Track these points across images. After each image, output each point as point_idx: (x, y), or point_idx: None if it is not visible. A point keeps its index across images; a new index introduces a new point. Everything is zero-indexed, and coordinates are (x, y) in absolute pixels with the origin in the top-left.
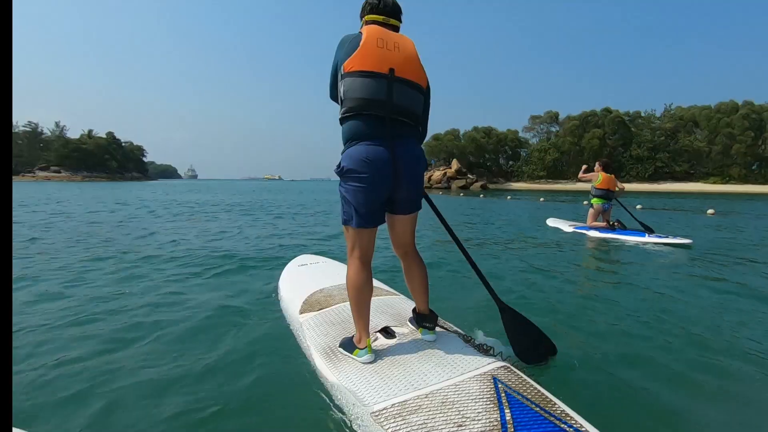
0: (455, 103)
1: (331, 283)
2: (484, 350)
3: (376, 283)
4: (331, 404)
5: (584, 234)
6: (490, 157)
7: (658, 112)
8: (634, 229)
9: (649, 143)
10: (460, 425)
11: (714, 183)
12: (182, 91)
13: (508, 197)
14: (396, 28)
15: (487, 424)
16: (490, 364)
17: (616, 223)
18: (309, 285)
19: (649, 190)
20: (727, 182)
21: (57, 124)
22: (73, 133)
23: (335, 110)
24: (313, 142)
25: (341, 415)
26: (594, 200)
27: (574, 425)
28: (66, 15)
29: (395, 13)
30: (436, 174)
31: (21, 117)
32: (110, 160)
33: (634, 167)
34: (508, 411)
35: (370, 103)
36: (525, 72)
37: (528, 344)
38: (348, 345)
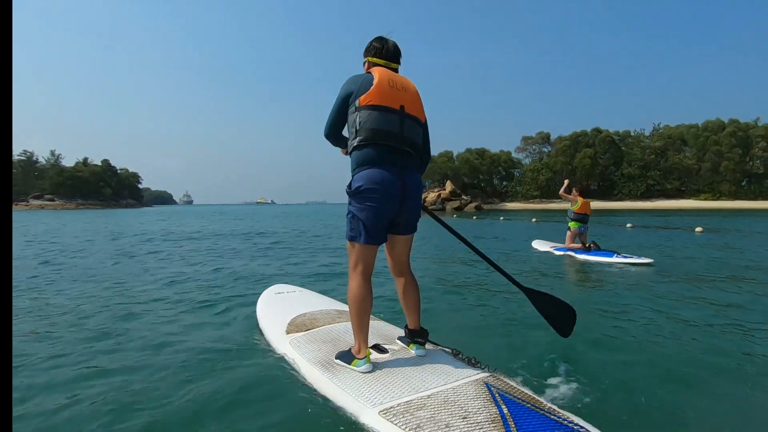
0: (449, 125)
1: (312, 309)
2: (473, 363)
3: (344, 306)
4: (334, 410)
5: (563, 255)
6: (484, 178)
7: (647, 131)
8: (607, 249)
9: (639, 162)
10: (465, 417)
11: (705, 199)
12: (177, 118)
13: (501, 218)
14: (396, 70)
15: (488, 417)
16: (480, 373)
17: (591, 245)
18: (290, 310)
19: (641, 207)
20: (718, 198)
21: (52, 153)
22: (69, 162)
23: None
24: (304, 167)
25: (346, 417)
26: (572, 224)
27: (564, 417)
28: (63, 46)
29: (396, 57)
30: (431, 196)
31: (17, 146)
32: (105, 187)
33: (626, 185)
34: (505, 407)
35: (386, 134)
36: (516, 94)
37: (561, 318)
38: (345, 356)
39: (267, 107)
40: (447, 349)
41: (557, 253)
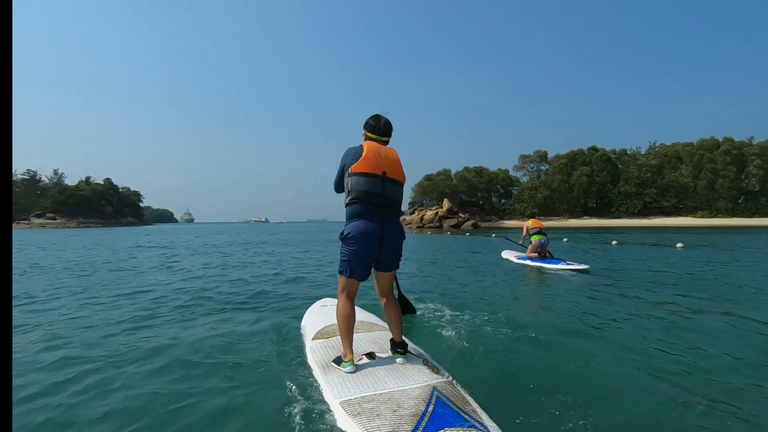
0: (446, 144)
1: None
2: (435, 371)
3: (374, 319)
4: (317, 399)
5: (522, 262)
6: (482, 196)
7: (643, 149)
8: (557, 258)
9: (636, 179)
10: (394, 411)
11: (702, 217)
12: (178, 139)
13: (493, 235)
14: (386, 143)
15: (412, 413)
16: (436, 380)
17: (546, 254)
18: (323, 321)
19: (639, 225)
20: (714, 216)
21: (55, 172)
22: (72, 181)
23: (323, 159)
24: (299, 186)
25: (320, 404)
26: (533, 237)
27: (477, 418)
28: (70, 69)
29: (386, 133)
30: (428, 214)
31: (20, 165)
32: (106, 205)
33: (624, 203)
34: (432, 407)
35: (369, 194)
36: (513, 113)
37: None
38: (337, 360)
39: (263, 128)
40: (420, 358)
41: (517, 261)
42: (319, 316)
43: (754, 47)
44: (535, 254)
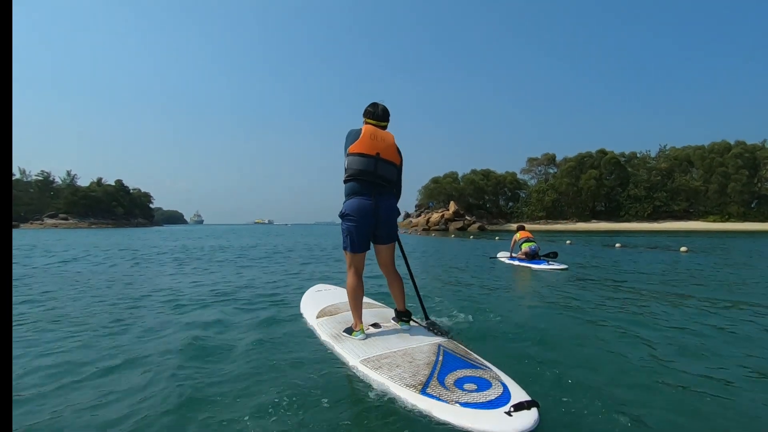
0: (453, 147)
1: (338, 301)
2: (438, 333)
3: (369, 300)
4: (336, 361)
5: (512, 263)
6: (489, 199)
7: (653, 152)
8: (542, 258)
9: (645, 183)
10: (410, 362)
11: (713, 221)
12: (187, 142)
13: (497, 238)
14: (384, 127)
15: (426, 360)
16: (439, 339)
17: (535, 255)
18: (323, 302)
19: (648, 229)
20: (726, 220)
21: (68, 173)
22: (84, 182)
23: (323, 160)
24: (301, 188)
25: (341, 365)
26: (523, 245)
27: (480, 363)
28: (86, 73)
29: (384, 117)
30: (434, 216)
31: (35, 167)
32: (117, 206)
33: (633, 206)
34: (441, 357)
35: (363, 173)
36: (521, 116)
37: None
38: (348, 330)
39: (267, 131)
40: (424, 324)
41: (507, 261)
42: (317, 299)
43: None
44: (524, 256)
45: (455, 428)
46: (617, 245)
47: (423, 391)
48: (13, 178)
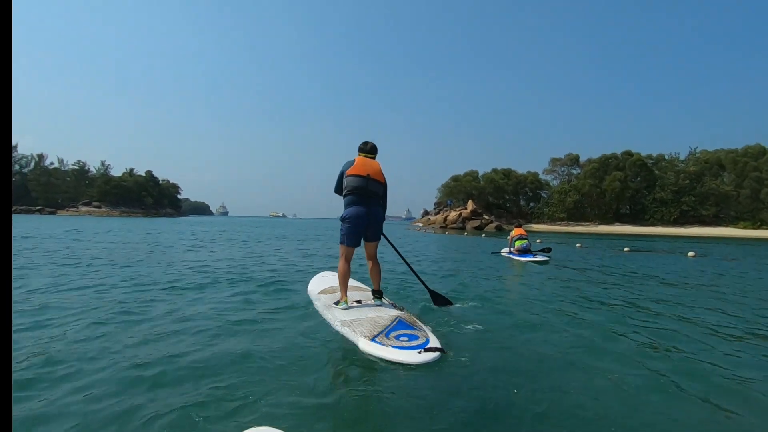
0: (475, 146)
1: (336, 284)
2: (398, 308)
3: (359, 284)
4: (324, 324)
5: (508, 257)
6: (509, 199)
7: (683, 155)
8: (530, 252)
9: (673, 186)
10: (372, 324)
11: (744, 228)
12: (215, 135)
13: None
14: (373, 158)
15: (383, 323)
16: (399, 312)
17: (527, 250)
18: (325, 284)
19: (673, 234)
20: (758, 227)
21: (102, 163)
22: (117, 172)
23: (332, 156)
24: (314, 182)
25: (326, 326)
26: (516, 243)
27: (419, 327)
28: (117, 69)
29: (372, 151)
30: (452, 215)
31: (71, 156)
32: (147, 196)
33: (658, 210)
34: (394, 323)
35: (357, 189)
36: (545, 115)
37: (440, 300)
38: (336, 302)
39: (282, 123)
40: (390, 302)
41: (506, 256)
42: (321, 282)
43: None
44: (516, 251)
45: (386, 360)
46: (626, 249)
47: (372, 339)
48: (52, 167)
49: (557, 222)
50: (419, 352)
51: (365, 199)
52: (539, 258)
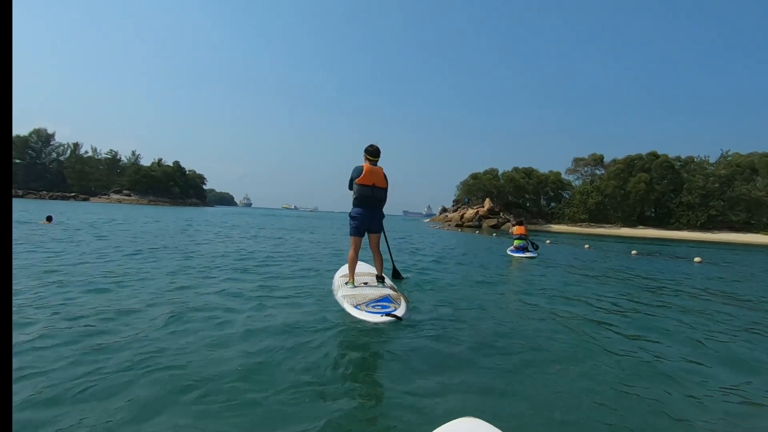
0: (494, 144)
1: (357, 270)
2: (395, 290)
3: (367, 268)
4: (335, 296)
5: (510, 253)
6: (530, 198)
7: (713, 158)
8: (523, 249)
9: (701, 190)
10: (365, 299)
11: None
12: (240, 128)
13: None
14: (376, 161)
15: (373, 298)
16: (391, 293)
17: (526, 247)
18: (346, 271)
19: (700, 239)
20: None
21: (133, 153)
22: (146, 161)
23: (346, 151)
24: (326, 175)
25: (335, 301)
26: (516, 242)
27: (399, 301)
28: (153, 62)
29: (375, 154)
30: (469, 213)
31: (104, 145)
32: (174, 186)
33: (685, 214)
34: (381, 298)
35: (364, 195)
36: (568, 115)
37: (396, 274)
38: (346, 283)
39: (298, 116)
40: (390, 285)
41: (510, 253)
42: (342, 271)
43: None
44: (515, 249)
45: (360, 320)
46: (633, 252)
47: (356, 307)
48: (86, 155)
49: (578, 223)
50: (382, 315)
51: (369, 204)
52: (530, 254)
